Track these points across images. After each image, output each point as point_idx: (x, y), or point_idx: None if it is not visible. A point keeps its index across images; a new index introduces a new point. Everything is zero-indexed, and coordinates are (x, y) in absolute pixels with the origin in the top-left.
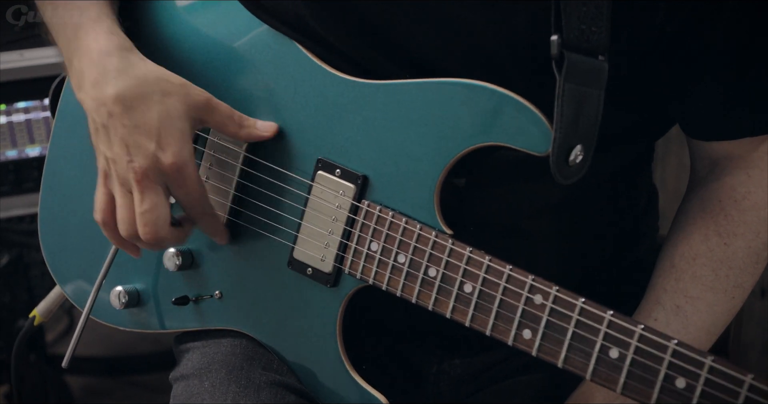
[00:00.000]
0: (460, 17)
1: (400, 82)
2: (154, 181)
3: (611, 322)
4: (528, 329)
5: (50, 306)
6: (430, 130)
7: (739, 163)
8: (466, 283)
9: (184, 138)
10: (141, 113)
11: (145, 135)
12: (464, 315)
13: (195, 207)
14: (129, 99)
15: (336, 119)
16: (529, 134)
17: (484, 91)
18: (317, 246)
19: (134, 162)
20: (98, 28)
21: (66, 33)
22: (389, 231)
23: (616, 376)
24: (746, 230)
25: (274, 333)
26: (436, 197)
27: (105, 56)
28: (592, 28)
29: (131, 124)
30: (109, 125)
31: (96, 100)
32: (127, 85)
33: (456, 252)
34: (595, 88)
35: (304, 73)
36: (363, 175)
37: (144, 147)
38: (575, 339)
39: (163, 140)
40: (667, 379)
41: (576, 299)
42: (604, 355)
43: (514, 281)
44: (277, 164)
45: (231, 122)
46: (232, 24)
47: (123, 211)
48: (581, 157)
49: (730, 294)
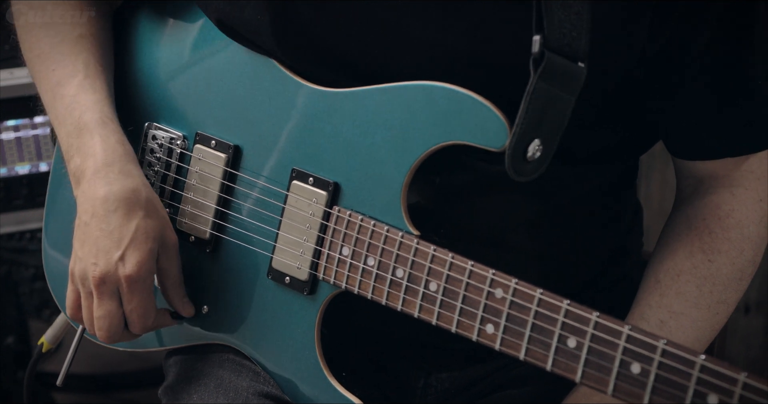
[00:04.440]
0: (440, 44)
1: (366, 88)
2: (110, 288)
3: (568, 311)
4: (490, 323)
5: (57, 332)
6: (394, 134)
7: (723, 182)
8: (432, 282)
9: (149, 257)
10: (119, 221)
11: (114, 243)
12: (431, 313)
13: (137, 323)
14: (114, 204)
15: (308, 129)
16: (486, 130)
17: (443, 91)
18: (293, 255)
19: (97, 265)
20: (104, 133)
21: (66, 127)
22: (358, 235)
23: (574, 366)
24: (730, 247)
25: (257, 345)
26: (402, 199)
27: (108, 164)
28: (572, 33)
29: (107, 228)
30: (89, 224)
31: (86, 198)
32: (118, 190)
33: (421, 252)
34: (568, 93)
35: (278, 86)
36: (334, 182)
37: (109, 253)
38: (534, 330)
39: (128, 252)
40: (623, 366)
41: (534, 290)
42: (562, 345)
43: (475, 276)
44: (255, 176)
45: (173, 282)
46: (209, 41)
47: (86, 311)
48: (539, 153)
49: (714, 311)
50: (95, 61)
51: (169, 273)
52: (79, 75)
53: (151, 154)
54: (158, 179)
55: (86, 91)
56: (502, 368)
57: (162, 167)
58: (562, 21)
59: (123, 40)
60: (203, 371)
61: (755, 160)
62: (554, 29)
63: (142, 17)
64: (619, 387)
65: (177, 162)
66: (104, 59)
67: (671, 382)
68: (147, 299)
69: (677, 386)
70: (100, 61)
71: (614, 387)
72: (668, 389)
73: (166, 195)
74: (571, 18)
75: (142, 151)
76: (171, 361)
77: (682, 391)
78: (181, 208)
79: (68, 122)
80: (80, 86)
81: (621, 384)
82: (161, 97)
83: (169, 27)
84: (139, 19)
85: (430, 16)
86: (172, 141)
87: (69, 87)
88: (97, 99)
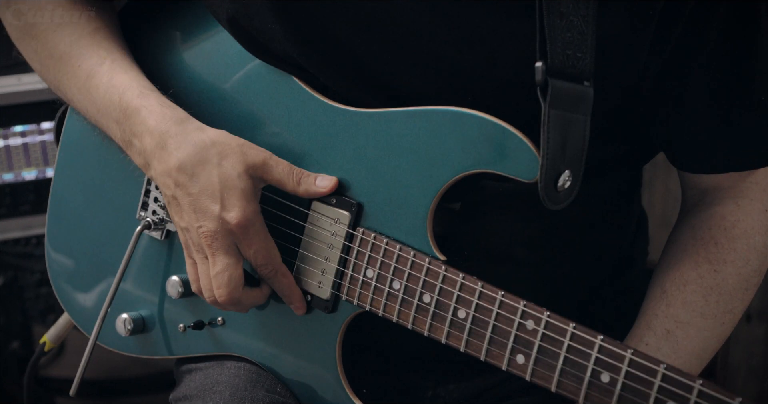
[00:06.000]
0: (449, 58)
1: (391, 110)
2: (223, 243)
3: (601, 347)
4: (521, 354)
5: (60, 332)
6: (421, 158)
7: (728, 193)
8: (460, 309)
9: (246, 197)
10: (203, 178)
11: (209, 199)
12: (459, 340)
13: (265, 266)
14: (190, 167)
15: (329, 148)
16: (518, 161)
17: (473, 118)
18: (315, 274)
19: (203, 227)
20: (148, 104)
21: (113, 114)
22: (384, 258)
23: (608, 401)
24: (736, 257)
25: (275, 358)
26: (428, 224)
27: (163, 132)
28: (577, 53)
29: (196, 190)
30: (177, 195)
31: (162, 173)
32: (186, 153)
33: (449, 279)
34: (581, 113)
35: (297, 102)
36: (358, 203)
37: (210, 210)
38: (567, 363)
39: (226, 201)
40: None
41: (567, 324)
42: (595, 379)
43: (506, 307)
44: (275, 193)
45: (289, 180)
46: (228, 55)
47: (203, 278)
48: (569, 182)
49: (720, 320)
50: (116, 47)
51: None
52: (107, 61)
53: None
54: None
55: (117, 72)
56: (509, 378)
57: None
58: (565, 43)
59: (140, 49)
60: (218, 380)
61: (761, 171)
62: (557, 53)
63: (158, 29)
64: None
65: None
66: (124, 46)
67: None
68: (266, 238)
69: None
70: (121, 46)
71: None
72: None
73: None
74: (575, 38)
75: None
76: (183, 368)
77: None
78: None
79: (111, 109)
80: (111, 70)
81: None
82: None
83: (184, 39)
84: (155, 30)
85: (437, 31)
86: None
87: (100, 75)
88: (130, 77)
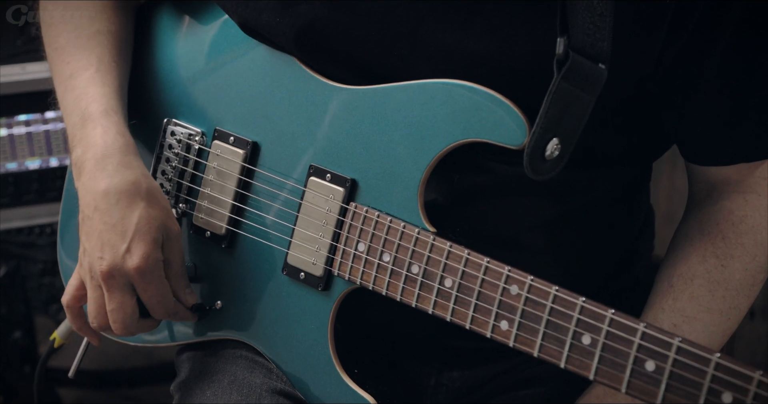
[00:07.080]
0: (461, 48)
1: (385, 86)
2: (119, 281)
3: (583, 308)
4: (505, 320)
5: (70, 328)
6: (412, 131)
7: (736, 188)
8: (447, 278)
9: (154, 246)
10: (122, 213)
11: (119, 235)
12: (445, 309)
13: (157, 308)
14: (115, 196)
15: (327, 125)
16: (505, 128)
17: (463, 89)
18: (309, 251)
19: (104, 259)
20: (106, 123)
21: (73, 117)
22: (375, 230)
23: (588, 362)
24: (743, 252)
25: (271, 340)
26: (419, 196)
27: (108, 156)
28: (596, 34)
29: (110, 221)
30: (92, 218)
31: (88, 191)
32: (118, 183)
33: (437, 248)
34: (589, 93)
35: (298, 84)
36: (351, 179)
37: (115, 246)
38: (549, 326)
39: (133, 244)
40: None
41: (549, 287)
42: (576, 341)
43: (491, 273)
44: (273, 173)
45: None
46: (229, 38)
47: (92, 304)
48: (557, 152)
49: (726, 315)
50: (109, 57)
51: (171, 264)
52: (91, 68)
53: (170, 150)
54: (176, 175)
55: (95, 83)
56: (513, 368)
57: (180, 163)
58: (585, 22)
59: (143, 37)
60: (216, 367)
61: None
62: (578, 30)
63: (163, 14)
64: (633, 385)
65: (195, 158)
66: (120, 56)
67: (686, 380)
68: (162, 285)
69: (692, 384)
70: (115, 57)
71: (628, 385)
72: (683, 387)
73: (183, 190)
74: (594, 19)
75: (161, 146)
76: (183, 357)
77: (696, 389)
78: (197, 204)
79: (75, 113)
80: (90, 79)
81: (635, 381)
82: (181, 93)
83: (189, 24)
84: (160, 16)
85: (449, 20)
86: (191, 137)
87: (80, 79)
88: (104, 92)
